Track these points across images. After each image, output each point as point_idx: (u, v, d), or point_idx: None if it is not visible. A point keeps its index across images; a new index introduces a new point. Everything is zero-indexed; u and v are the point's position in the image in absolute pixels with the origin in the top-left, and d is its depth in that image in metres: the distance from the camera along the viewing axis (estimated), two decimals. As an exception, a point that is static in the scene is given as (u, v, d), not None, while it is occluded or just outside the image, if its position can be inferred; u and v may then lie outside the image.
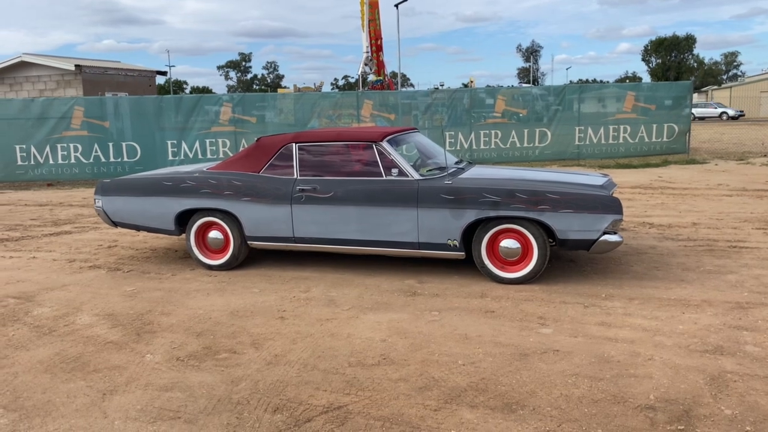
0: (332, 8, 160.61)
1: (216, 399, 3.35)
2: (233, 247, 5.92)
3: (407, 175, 5.37)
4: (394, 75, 32.37)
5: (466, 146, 15.07)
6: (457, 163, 6.06)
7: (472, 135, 15.10)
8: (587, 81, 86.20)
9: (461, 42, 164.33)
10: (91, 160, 14.12)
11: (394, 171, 5.39)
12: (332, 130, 6.58)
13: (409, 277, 5.53)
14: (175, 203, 6.01)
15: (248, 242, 5.88)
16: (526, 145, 15.16)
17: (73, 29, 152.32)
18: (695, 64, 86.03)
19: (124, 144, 14.21)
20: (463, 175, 5.55)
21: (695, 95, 64.13)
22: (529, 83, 71.33)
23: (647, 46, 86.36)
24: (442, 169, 5.65)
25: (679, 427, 2.91)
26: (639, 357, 3.69)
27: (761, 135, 22.55)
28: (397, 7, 28.61)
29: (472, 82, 52.27)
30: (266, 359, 3.85)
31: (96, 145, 14.09)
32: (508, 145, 15.11)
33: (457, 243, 5.24)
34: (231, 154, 14.30)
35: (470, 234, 5.26)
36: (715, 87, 66.54)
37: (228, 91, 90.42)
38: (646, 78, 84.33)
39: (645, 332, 4.08)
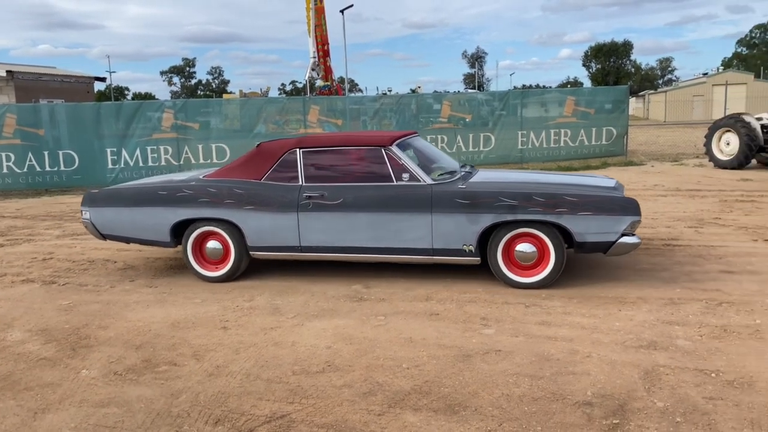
0: (279, 13, 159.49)
1: (155, 413, 3.26)
2: (234, 257, 5.66)
3: (419, 180, 5.25)
4: (341, 80, 32.41)
5: (413, 151, 15.18)
6: (462, 166, 5.95)
7: (420, 140, 15.23)
8: (531, 86, 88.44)
9: (408, 48, 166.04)
10: (25, 170, 13.52)
11: (405, 176, 5.27)
12: (337, 134, 6.48)
13: (356, 282, 5.52)
14: (171, 213, 5.71)
15: (250, 253, 5.65)
16: (471, 149, 15.39)
17: (5, 33, 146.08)
18: (633, 70, 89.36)
19: (60, 153, 13.67)
20: (474, 179, 5.48)
21: (633, 99, 66.53)
22: (475, 89, 72.53)
23: (587, 52, 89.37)
24: (451, 173, 5.53)
25: (614, 422, 3.00)
26: (577, 354, 3.79)
27: (694, 138, 23.55)
28: (342, 13, 28.65)
29: (419, 87, 52.78)
30: (208, 371, 3.77)
31: (30, 154, 13.50)
32: (454, 150, 15.31)
33: (473, 248, 5.13)
34: (173, 162, 14.02)
35: (485, 239, 5.18)
36: (652, 91, 69.23)
37: (171, 97, 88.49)
38: (587, 83, 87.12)
39: (583, 330, 4.19)
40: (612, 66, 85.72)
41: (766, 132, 13.60)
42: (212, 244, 5.72)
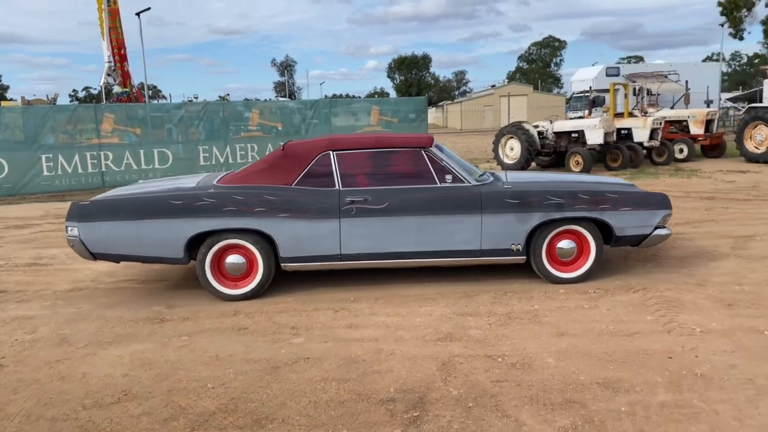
0: (67, 13, 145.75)
1: None
2: (262, 272, 5.11)
3: (463, 181, 5.20)
4: (142, 86, 30.40)
5: (222, 160, 14.74)
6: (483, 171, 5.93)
7: (228, 148, 14.83)
8: (341, 96, 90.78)
9: (216, 54, 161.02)
10: None
11: (448, 177, 5.18)
12: (369, 135, 6.10)
13: (156, 303, 5.18)
14: (189, 225, 4.99)
15: (282, 264, 5.13)
16: (283, 157, 15.36)
17: None
18: (432, 81, 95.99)
19: None
20: (512, 180, 5.46)
21: (433, 109, 71.36)
22: (286, 97, 72.66)
23: (391, 64, 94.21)
24: (482, 175, 5.55)
25: (414, 414, 3.16)
26: (382, 353, 3.94)
27: (485, 144, 25.90)
28: (138, 16, 26.91)
29: (228, 95, 51.42)
30: (-24, 418, 3.27)
31: None
32: (266, 159, 15.16)
33: (521, 247, 5.18)
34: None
35: (530, 238, 5.24)
36: (449, 102, 74.96)
37: (-65, 103, 76.04)
38: (393, 93, 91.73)
39: (388, 329, 4.38)
40: (414, 78, 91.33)
41: (543, 138, 15.45)
42: (233, 258, 5.12)
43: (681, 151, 16.15)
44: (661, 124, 15.38)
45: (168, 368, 3.84)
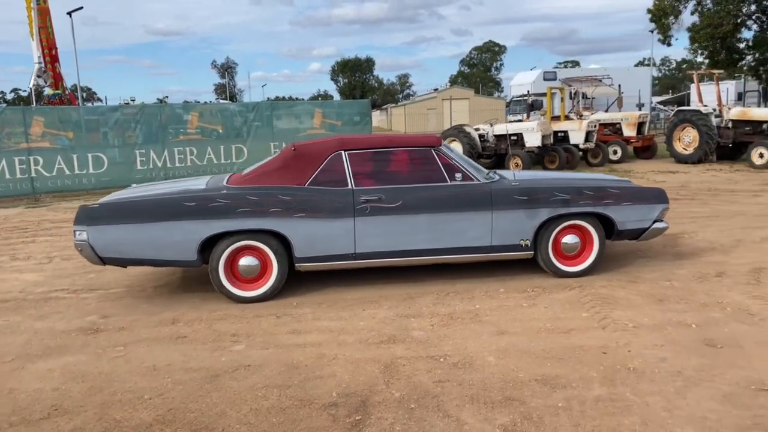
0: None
1: None
2: (277, 272, 5.09)
3: (473, 179, 5.32)
4: (75, 88, 29.27)
5: (159, 164, 14.33)
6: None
7: (166, 152, 14.44)
8: (284, 98, 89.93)
9: (154, 55, 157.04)
10: None
11: (458, 175, 5.28)
12: (379, 135, 6.28)
13: (90, 313, 4.99)
14: (203, 227, 4.92)
15: (297, 265, 5.13)
16: (223, 161, 15.06)
17: None
18: (376, 84, 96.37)
19: None
20: (519, 178, 5.63)
21: (377, 112, 71.63)
22: (227, 99, 71.41)
23: (334, 66, 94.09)
24: (489, 173, 5.62)
25: (357, 418, 3.15)
26: (325, 358, 3.92)
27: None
28: (70, 15, 25.93)
29: (166, 97, 50.07)
30: None
31: None
32: (204, 162, 14.83)
33: (529, 242, 5.34)
34: None
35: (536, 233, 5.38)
36: (393, 105, 75.38)
37: None
38: (337, 96, 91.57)
39: (331, 333, 4.35)
40: (358, 80, 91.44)
41: (484, 140, 15.74)
42: (247, 260, 5.08)
43: (615, 152, 16.77)
44: (595, 126, 15.93)
45: (102, 380, 3.70)
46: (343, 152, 5.28)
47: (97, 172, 13.75)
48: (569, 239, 5.48)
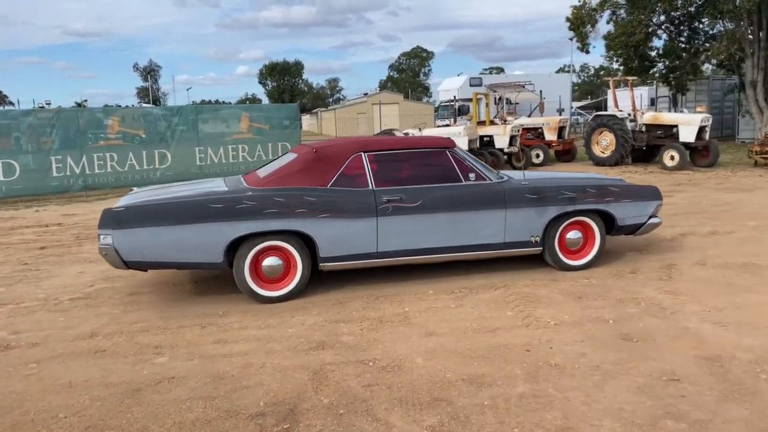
0: None
1: None
2: (301, 272, 5.17)
3: (485, 179, 5.55)
4: (-17, 91, 27.54)
5: (78, 170, 13.66)
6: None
7: (84, 158, 13.80)
8: (210, 102, 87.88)
9: (71, 57, 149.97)
10: None
11: (471, 175, 5.50)
12: (394, 138, 6.68)
13: (-1, 328, 4.70)
14: (230, 228, 4.93)
15: (321, 264, 5.22)
16: (146, 167, 14.54)
17: None
18: (306, 88, 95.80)
19: None
20: (528, 177, 5.88)
21: (307, 116, 71.20)
22: (150, 103, 69.07)
23: (262, 70, 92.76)
24: (499, 173, 5.88)
25: (285, 426, 3.11)
26: (252, 367, 3.85)
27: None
28: (-22, 13, 24.32)
29: (85, 101, 47.85)
30: None
31: None
32: (126, 168, 14.27)
33: (539, 239, 5.62)
34: None
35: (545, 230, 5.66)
36: (324, 109, 75.15)
37: None
38: (266, 100, 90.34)
39: (258, 342, 4.28)
40: (287, 84, 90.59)
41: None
42: (271, 260, 5.13)
43: (537, 156, 17.35)
44: (519, 131, 16.44)
45: (12, 400, 3.49)
46: (362, 154, 5.44)
47: (8, 180, 12.98)
48: (573, 235, 5.83)
